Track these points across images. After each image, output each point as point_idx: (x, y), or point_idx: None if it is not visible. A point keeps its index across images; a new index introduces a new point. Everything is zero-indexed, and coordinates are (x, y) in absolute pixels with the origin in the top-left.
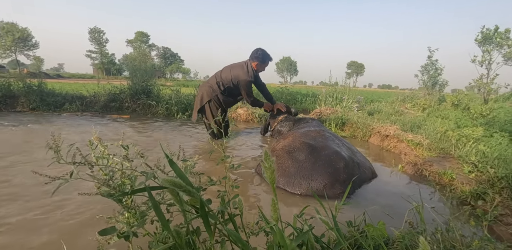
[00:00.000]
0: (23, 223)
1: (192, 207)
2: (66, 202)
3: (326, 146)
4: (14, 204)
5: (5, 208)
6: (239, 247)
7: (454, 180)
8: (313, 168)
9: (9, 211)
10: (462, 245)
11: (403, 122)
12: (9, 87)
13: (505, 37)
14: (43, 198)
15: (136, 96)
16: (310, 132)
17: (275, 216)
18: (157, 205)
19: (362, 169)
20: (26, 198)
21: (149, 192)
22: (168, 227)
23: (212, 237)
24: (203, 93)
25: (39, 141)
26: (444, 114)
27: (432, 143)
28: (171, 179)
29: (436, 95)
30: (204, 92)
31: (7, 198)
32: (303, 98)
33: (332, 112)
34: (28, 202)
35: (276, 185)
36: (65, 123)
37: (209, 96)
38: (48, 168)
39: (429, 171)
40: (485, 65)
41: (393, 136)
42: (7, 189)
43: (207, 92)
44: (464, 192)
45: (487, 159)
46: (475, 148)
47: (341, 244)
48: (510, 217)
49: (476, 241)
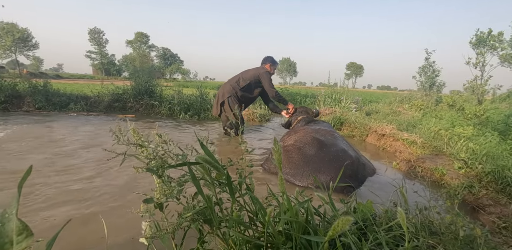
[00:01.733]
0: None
1: (217, 181)
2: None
3: (335, 143)
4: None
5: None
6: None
7: (445, 175)
8: (322, 161)
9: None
10: (437, 220)
11: (399, 122)
12: (15, 88)
13: (498, 40)
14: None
15: (139, 96)
16: (320, 130)
17: (282, 188)
18: (194, 175)
19: (367, 170)
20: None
21: (189, 166)
22: (202, 192)
23: (233, 201)
24: (224, 90)
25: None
26: (440, 114)
27: (426, 141)
28: (204, 157)
29: (434, 96)
30: (225, 89)
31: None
32: (303, 99)
33: (331, 112)
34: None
35: (284, 177)
36: (82, 122)
37: (229, 93)
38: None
39: (421, 167)
40: (479, 67)
41: (389, 135)
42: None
43: (227, 89)
44: (452, 186)
45: (476, 156)
46: (466, 145)
47: (335, 215)
48: (492, 207)
49: (448, 216)
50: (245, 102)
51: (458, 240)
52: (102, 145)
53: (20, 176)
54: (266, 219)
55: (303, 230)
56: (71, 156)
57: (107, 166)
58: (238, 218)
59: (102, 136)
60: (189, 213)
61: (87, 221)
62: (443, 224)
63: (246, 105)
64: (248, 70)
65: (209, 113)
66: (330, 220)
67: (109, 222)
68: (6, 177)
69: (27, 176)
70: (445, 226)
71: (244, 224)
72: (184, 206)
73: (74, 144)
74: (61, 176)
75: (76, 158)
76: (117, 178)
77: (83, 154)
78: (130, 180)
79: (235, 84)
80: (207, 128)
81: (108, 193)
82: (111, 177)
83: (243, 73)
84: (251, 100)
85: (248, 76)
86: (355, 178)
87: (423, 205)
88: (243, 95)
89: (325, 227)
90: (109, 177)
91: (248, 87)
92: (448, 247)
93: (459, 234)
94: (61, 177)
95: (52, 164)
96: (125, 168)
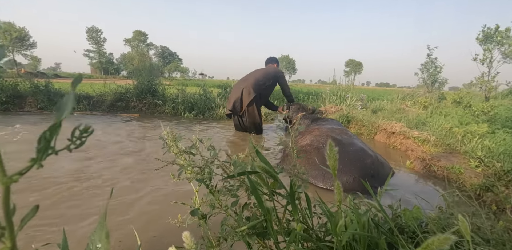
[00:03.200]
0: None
1: (270, 190)
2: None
3: (353, 142)
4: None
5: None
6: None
7: (462, 174)
8: (342, 161)
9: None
10: (488, 226)
11: (408, 120)
12: (16, 88)
13: (506, 36)
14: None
15: (142, 95)
16: (334, 129)
17: (339, 197)
18: (255, 186)
19: (386, 168)
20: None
21: (248, 175)
22: (262, 204)
23: (296, 213)
24: (249, 87)
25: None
26: (446, 111)
27: (438, 139)
28: (262, 165)
29: (436, 93)
30: (249, 89)
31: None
32: (305, 97)
33: (337, 110)
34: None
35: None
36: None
37: (254, 93)
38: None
39: (437, 166)
40: (486, 63)
41: (399, 133)
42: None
43: (252, 89)
44: (473, 185)
45: (492, 154)
46: (481, 143)
47: (388, 223)
48: None
49: (501, 222)
50: (264, 100)
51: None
52: (126, 148)
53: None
54: (337, 231)
55: (367, 244)
56: (101, 162)
57: (143, 173)
58: (299, 231)
59: (116, 135)
60: (244, 227)
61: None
62: (495, 232)
63: (262, 104)
64: (263, 69)
65: (214, 112)
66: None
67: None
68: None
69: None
70: (496, 233)
71: (309, 238)
72: (235, 218)
73: (97, 147)
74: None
75: (106, 163)
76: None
77: (112, 159)
78: (170, 189)
79: (257, 83)
80: (220, 127)
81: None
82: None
83: (260, 71)
84: (267, 97)
85: (268, 75)
86: (377, 177)
87: (471, 211)
88: (264, 94)
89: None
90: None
91: (269, 87)
92: None
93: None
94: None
95: (86, 170)
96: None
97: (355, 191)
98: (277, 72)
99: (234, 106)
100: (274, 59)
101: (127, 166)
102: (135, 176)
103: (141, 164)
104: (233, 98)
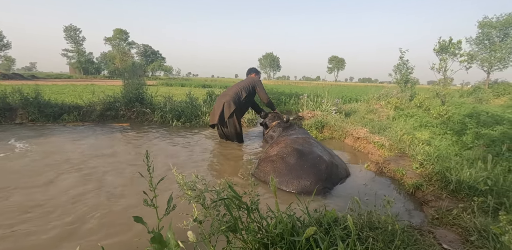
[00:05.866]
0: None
1: (238, 207)
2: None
3: (311, 151)
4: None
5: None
6: (260, 224)
7: (404, 175)
8: (302, 169)
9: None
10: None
11: (372, 125)
12: (6, 100)
13: (458, 47)
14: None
15: (130, 104)
16: (298, 138)
17: (277, 208)
18: (228, 206)
19: (340, 170)
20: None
21: (224, 201)
22: (232, 214)
23: (250, 218)
24: (229, 103)
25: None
26: (412, 112)
27: (393, 144)
28: (233, 195)
29: (408, 92)
30: (229, 103)
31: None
32: (287, 99)
33: (313, 116)
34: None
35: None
36: (87, 134)
37: (234, 105)
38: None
39: (387, 169)
40: (442, 72)
41: (363, 138)
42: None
43: (231, 102)
44: (408, 184)
45: (430, 157)
46: (423, 148)
47: (310, 222)
48: (434, 202)
49: (383, 217)
50: (244, 111)
51: (387, 232)
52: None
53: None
54: (270, 228)
55: (290, 233)
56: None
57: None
58: (253, 228)
59: (127, 154)
60: (224, 227)
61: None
62: (381, 223)
63: (243, 113)
64: (242, 82)
65: (200, 120)
66: (308, 224)
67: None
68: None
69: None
70: (381, 223)
71: (256, 231)
72: (219, 222)
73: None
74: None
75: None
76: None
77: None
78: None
79: (236, 97)
80: (206, 135)
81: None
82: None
83: (239, 85)
84: (247, 108)
85: (246, 86)
86: (329, 180)
87: (370, 209)
88: (245, 105)
89: (303, 230)
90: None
91: (248, 97)
92: (379, 238)
93: (388, 228)
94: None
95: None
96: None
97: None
98: (254, 81)
99: (219, 120)
100: (253, 70)
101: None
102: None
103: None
104: (215, 112)
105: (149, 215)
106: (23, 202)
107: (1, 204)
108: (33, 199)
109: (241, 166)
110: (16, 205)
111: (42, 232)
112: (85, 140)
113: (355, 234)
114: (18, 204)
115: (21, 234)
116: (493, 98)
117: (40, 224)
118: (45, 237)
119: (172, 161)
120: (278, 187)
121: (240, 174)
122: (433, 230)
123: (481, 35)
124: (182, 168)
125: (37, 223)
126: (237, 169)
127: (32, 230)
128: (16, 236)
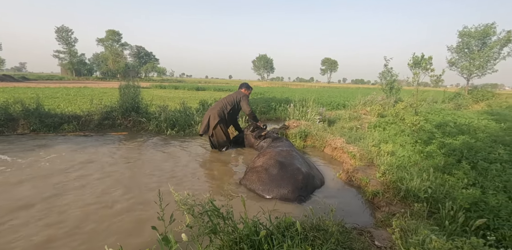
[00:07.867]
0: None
1: (217, 216)
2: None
3: (291, 163)
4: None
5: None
6: (234, 228)
7: (368, 183)
8: (282, 179)
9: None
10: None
11: (349, 135)
12: (8, 111)
13: (429, 62)
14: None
15: (127, 113)
16: (282, 151)
17: (245, 216)
18: (210, 215)
19: (316, 180)
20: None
21: (207, 213)
22: (212, 222)
23: (226, 224)
24: (215, 115)
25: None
26: (392, 120)
27: (363, 154)
28: (215, 209)
29: (393, 98)
30: (215, 115)
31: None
32: (277, 105)
33: (298, 125)
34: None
35: (256, 192)
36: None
37: (219, 117)
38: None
39: (355, 177)
40: (415, 85)
41: (339, 147)
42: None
43: (217, 115)
44: (368, 192)
45: (391, 168)
46: (387, 159)
47: (270, 226)
48: (386, 207)
49: (327, 221)
50: (231, 122)
51: (327, 232)
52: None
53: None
54: (239, 230)
55: (253, 233)
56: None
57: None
58: (228, 231)
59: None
60: (208, 230)
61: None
62: (327, 226)
63: (230, 124)
64: (230, 95)
65: (193, 129)
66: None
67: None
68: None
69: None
70: (326, 226)
71: (230, 233)
72: (204, 227)
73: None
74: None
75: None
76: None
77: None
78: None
79: (221, 110)
80: (198, 144)
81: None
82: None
83: (227, 99)
84: (235, 119)
85: (231, 100)
86: (305, 189)
87: (320, 214)
88: (230, 117)
89: None
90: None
91: (233, 110)
92: (320, 237)
93: (328, 230)
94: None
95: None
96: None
97: (290, 199)
98: (240, 96)
99: (204, 130)
100: (244, 85)
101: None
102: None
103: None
104: (203, 123)
105: (153, 223)
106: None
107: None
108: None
109: (231, 175)
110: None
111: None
112: (89, 150)
113: (302, 234)
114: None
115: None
116: (472, 104)
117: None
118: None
119: (169, 168)
120: (261, 194)
121: (228, 183)
122: (372, 230)
123: (461, 44)
124: (179, 176)
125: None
126: (226, 177)
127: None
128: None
